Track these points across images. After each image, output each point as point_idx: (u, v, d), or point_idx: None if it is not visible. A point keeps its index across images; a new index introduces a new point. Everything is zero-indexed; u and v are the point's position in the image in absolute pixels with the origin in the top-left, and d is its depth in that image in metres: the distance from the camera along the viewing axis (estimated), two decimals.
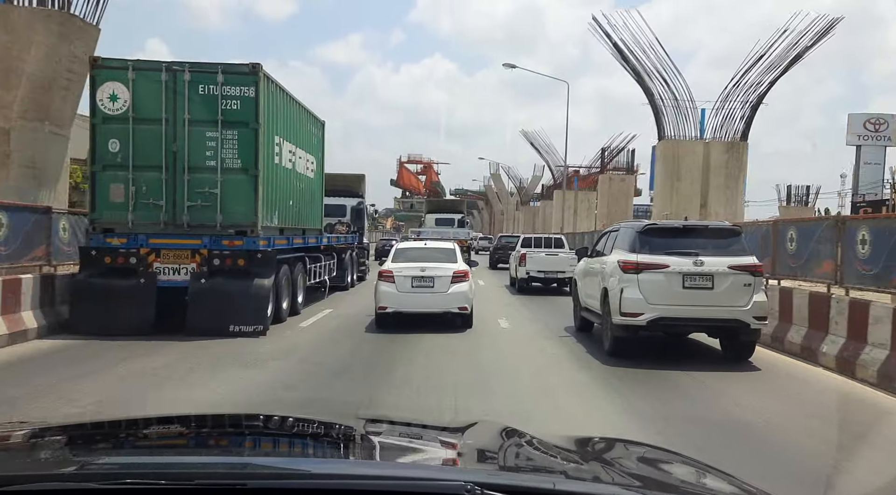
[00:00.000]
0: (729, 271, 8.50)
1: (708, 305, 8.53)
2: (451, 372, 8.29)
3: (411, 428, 2.49)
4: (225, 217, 10.43)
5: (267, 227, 11.06)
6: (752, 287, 8.57)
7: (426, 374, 8.17)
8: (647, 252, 8.71)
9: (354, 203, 21.65)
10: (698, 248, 8.67)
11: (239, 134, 10.40)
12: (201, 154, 10.33)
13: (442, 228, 30.25)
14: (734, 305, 8.50)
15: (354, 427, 2.41)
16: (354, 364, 8.78)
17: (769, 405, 6.86)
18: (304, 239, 13.71)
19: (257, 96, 10.37)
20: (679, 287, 8.49)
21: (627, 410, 6.45)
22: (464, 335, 10.89)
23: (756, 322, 8.60)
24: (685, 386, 7.56)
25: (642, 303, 8.52)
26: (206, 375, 7.81)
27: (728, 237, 9.04)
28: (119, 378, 7.62)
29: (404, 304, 10.98)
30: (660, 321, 8.58)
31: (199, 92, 10.29)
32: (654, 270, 8.54)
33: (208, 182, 10.37)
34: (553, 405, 6.77)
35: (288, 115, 12.19)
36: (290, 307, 12.55)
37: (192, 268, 10.38)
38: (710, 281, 8.49)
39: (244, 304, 10.28)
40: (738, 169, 23.08)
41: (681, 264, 8.50)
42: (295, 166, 12.87)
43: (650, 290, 8.52)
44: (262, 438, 2.26)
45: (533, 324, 12.75)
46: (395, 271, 11.11)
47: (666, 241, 8.85)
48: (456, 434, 2.27)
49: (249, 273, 10.49)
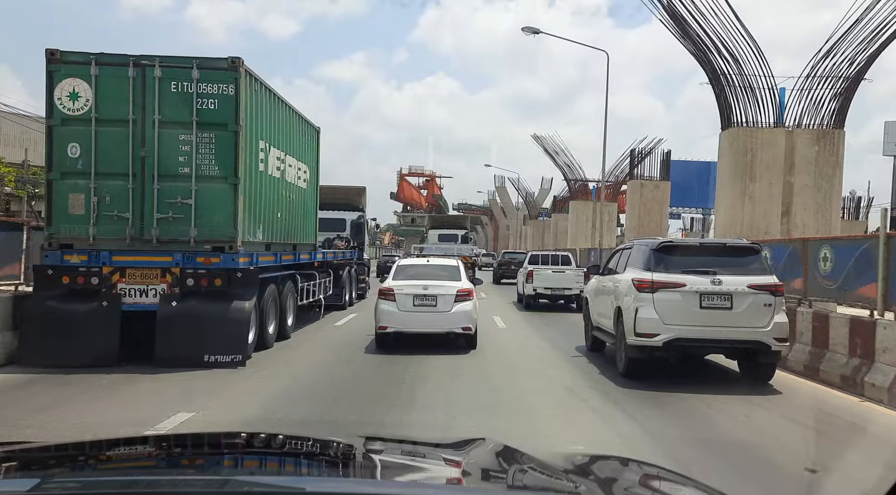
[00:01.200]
0: (748, 291, 8.22)
1: (727, 326, 8.21)
2: (456, 392, 7.99)
3: (412, 446, 2.43)
4: (200, 231, 9.17)
5: (249, 243, 9.81)
6: (772, 307, 8.24)
7: (433, 402, 7.44)
8: (662, 270, 8.44)
9: (354, 217, 20.48)
10: (716, 267, 8.39)
11: (217, 137, 9.17)
12: (174, 159, 9.10)
13: (445, 244, 29.68)
14: (754, 326, 8.19)
15: (352, 445, 2.31)
16: (346, 399, 7.58)
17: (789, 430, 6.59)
18: (296, 255, 12.46)
19: (238, 94, 9.15)
20: (696, 307, 8.20)
21: (643, 435, 6.21)
22: (472, 353, 10.54)
23: (777, 343, 8.26)
24: (700, 408, 7.28)
25: (658, 323, 8.23)
26: (172, 414, 6.54)
27: (747, 255, 8.68)
28: (68, 423, 6.32)
29: (405, 324, 10.49)
30: (676, 342, 8.25)
31: (172, 89, 9.08)
32: (670, 289, 8.29)
33: (181, 191, 9.12)
34: (565, 428, 6.55)
35: (275, 117, 10.96)
36: (279, 331, 11.30)
37: (161, 289, 9.11)
38: (728, 300, 8.21)
39: (221, 330, 9.00)
40: (833, 165, 16.71)
41: (698, 283, 8.23)
42: (284, 175, 11.63)
43: (666, 310, 8.25)
44: (245, 457, 2.11)
45: (544, 342, 12.46)
46: (396, 289, 10.55)
47: (682, 259, 8.61)
48: (459, 452, 2.22)
49: (228, 294, 9.23)
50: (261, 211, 10.36)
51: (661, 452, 5.57)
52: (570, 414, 7.05)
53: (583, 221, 36.22)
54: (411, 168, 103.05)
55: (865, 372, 7.96)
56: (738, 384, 8.60)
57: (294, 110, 12.23)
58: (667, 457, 5.32)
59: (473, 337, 10.73)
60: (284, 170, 11.64)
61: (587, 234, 34.72)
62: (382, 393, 7.74)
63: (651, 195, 29.64)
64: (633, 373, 8.53)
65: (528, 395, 7.84)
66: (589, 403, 7.44)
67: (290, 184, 12.14)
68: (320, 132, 14.58)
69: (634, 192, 30.22)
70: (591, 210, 35.90)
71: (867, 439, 6.45)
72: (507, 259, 31.40)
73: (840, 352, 8.64)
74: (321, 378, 8.81)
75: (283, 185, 11.63)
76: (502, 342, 12.11)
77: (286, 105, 11.62)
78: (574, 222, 37.75)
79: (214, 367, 8.89)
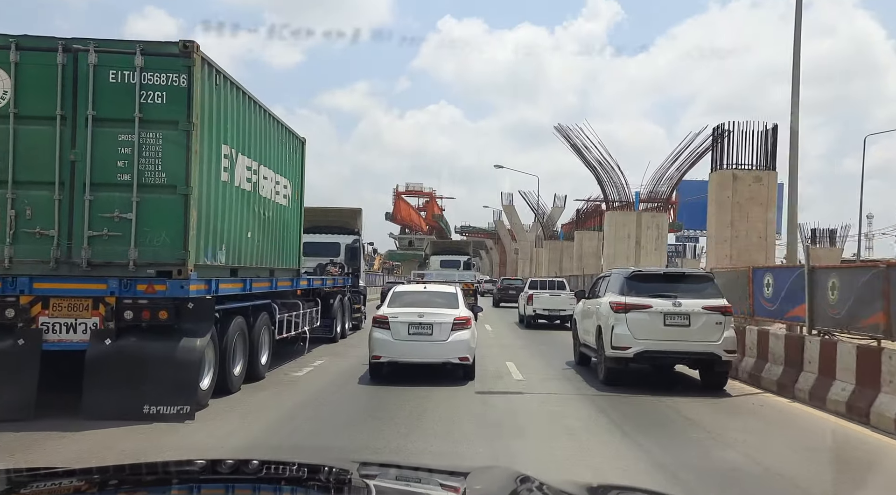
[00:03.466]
0: (703, 311, 9.76)
1: (685, 340, 9.74)
2: None
3: (410, 471, 2.40)
4: (142, 252, 7.50)
5: (206, 267, 8.12)
6: (723, 325, 9.80)
7: None
8: (634, 294, 9.96)
9: (349, 241, 18.81)
10: (677, 292, 9.95)
11: (165, 137, 7.53)
12: (111, 164, 7.46)
13: (447, 271, 28.67)
14: (708, 340, 9.72)
15: (346, 470, 2.24)
16: None
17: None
18: (272, 282, 10.75)
19: (191, 86, 7.53)
20: (661, 324, 9.72)
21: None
22: None
23: (727, 354, 9.81)
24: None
25: (630, 338, 9.75)
26: None
27: (703, 282, 10.40)
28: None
29: (400, 353, 10.03)
30: (645, 354, 9.82)
31: (110, 79, 7.46)
32: (639, 310, 9.79)
33: (119, 203, 7.46)
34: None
35: (245, 120, 9.35)
36: (249, 371, 9.57)
37: (93, 323, 7.39)
38: (687, 319, 9.73)
39: (166, 375, 7.28)
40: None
41: (662, 305, 9.75)
42: (257, 188, 9.97)
43: (636, 327, 9.75)
44: (238, 483, 2.08)
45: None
46: (391, 316, 10.14)
47: (649, 285, 10.12)
48: (458, 478, 2.17)
49: (176, 330, 7.52)
50: (224, 229, 8.69)
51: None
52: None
53: (623, 237, 27.36)
54: (409, 186, 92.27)
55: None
56: (697, 389, 10.11)
57: (271, 115, 10.62)
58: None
59: (471, 367, 10.25)
60: (258, 183, 9.99)
61: (630, 253, 26.87)
62: None
63: (748, 191, 16.78)
64: (610, 381, 10.07)
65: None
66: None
67: (266, 200, 10.48)
68: (306, 144, 12.97)
69: (721, 188, 16.91)
70: (634, 222, 27.34)
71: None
72: (506, 285, 35.16)
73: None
74: (285, 432, 7.08)
75: (256, 200, 9.97)
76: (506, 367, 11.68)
77: (260, 107, 10.01)
78: (612, 238, 27.83)
79: (156, 420, 7.15)
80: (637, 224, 27.35)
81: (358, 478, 2.12)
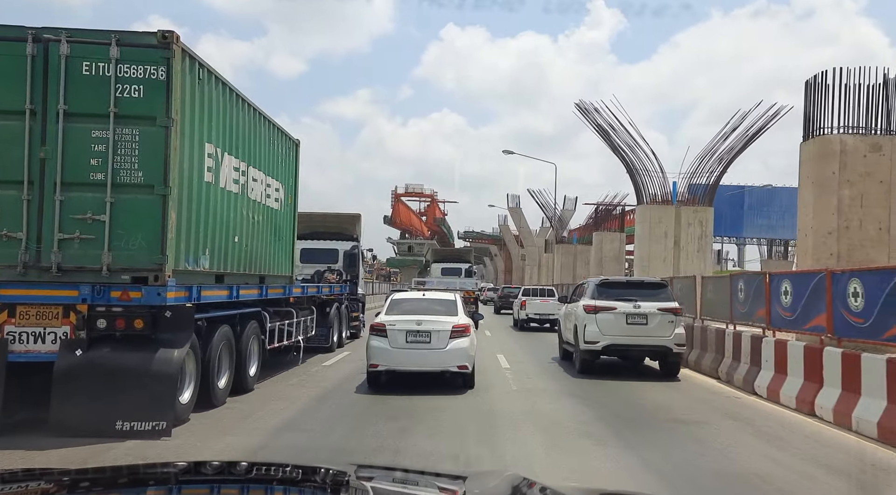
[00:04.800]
0: (658, 312, 11.81)
1: (644, 336, 11.86)
2: None
3: (408, 474, 2.37)
4: (117, 256, 6.98)
5: (187, 272, 7.61)
6: (674, 323, 11.92)
7: None
8: (603, 298, 12.09)
9: (348, 247, 18.33)
10: (637, 296, 12.05)
11: (142, 134, 7.03)
12: (83, 162, 6.96)
13: (448, 278, 28.49)
14: (662, 336, 11.81)
15: (343, 472, 2.18)
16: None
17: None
18: (262, 289, 10.23)
19: (170, 79, 7.03)
20: (624, 323, 11.83)
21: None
22: None
23: (677, 347, 11.92)
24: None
25: (599, 334, 11.86)
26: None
27: (659, 288, 12.52)
28: None
29: (397, 362, 9.88)
30: (610, 347, 11.96)
31: (84, 72, 6.97)
32: (606, 311, 11.90)
33: (92, 204, 6.96)
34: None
35: (232, 117, 8.85)
36: (236, 383, 9.06)
37: (63, 333, 6.87)
38: (645, 319, 11.82)
39: (140, 389, 6.76)
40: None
41: (625, 307, 11.86)
42: (245, 191, 9.47)
43: (604, 325, 11.86)
44: (233, 484, 2.05)
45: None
46: (388, 324, 9.97)
47: (615, 291, 12.27)
48: (456, 481, 2.16)
49: (152, 340, 7.00)
50: (208, 232, 8.18)
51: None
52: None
53: (659, 236, 22.14)
54: (408, 187, 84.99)
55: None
56: (656, 376, 12.20)
57: (261, 114, 10.13)
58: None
59: (471, 376, 10.15)
60: (246, 185, 9.49)
61: (667, 255, 21.91)
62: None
63: (863, 164, 11.36)
64: (584, 370, 12.16)
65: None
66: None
67: (256, 203, 9.98)
68: (300, 146, 12.49)
69: (821, 160, 11.38)
70: (672, 218, 22.03)
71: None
72: (506, 293, 36.25)
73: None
74: (269, 451, 6.54)
75: (245, 203, 9.46)
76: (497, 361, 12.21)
77: (249, 105, 9.52)
78: (646, 238, 22.39)
79: (130, 438, 6.62)
80: (675, 220, 22.12)
81: (356, 481, 2.11)
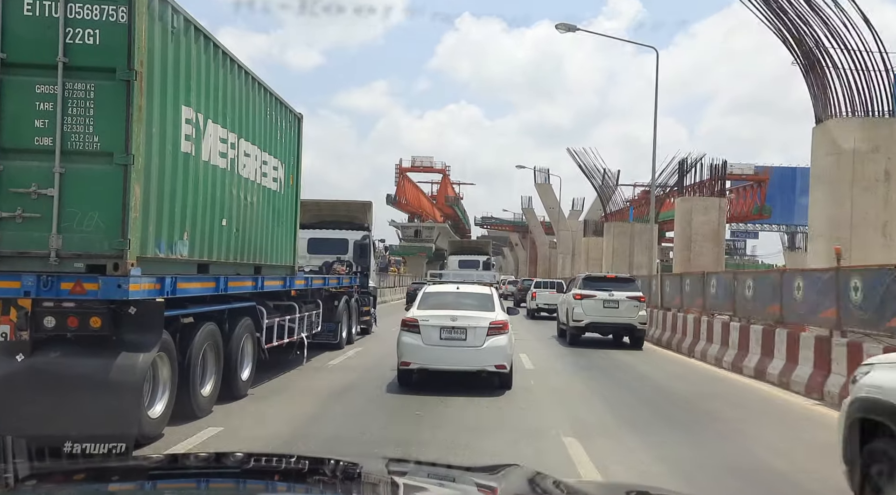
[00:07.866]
0: (627, 299, 15.96)
1: (616, 316, 15.96)
2: None
3: (440, 468, 2.35)
4: (67, 240, 5.70)
5: (158, 260, 6.32)
6: (639, 307, 16.02)
7: None
8: (587, 289, 16.27)
9: (358, 237, 17.01)
10: (613, 288, 16.33)
11: (98, 89, 5.74)
12: (25, 124, 5.67)
13: (466, 271, 27.63)
14: (629, 317, 15.94)
15: (377, 466, 2.23)
16: None
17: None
18: (257, 280, 8.95)
19: (132, 22, 5.73)
20: (602, 307, 15.91)
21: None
22: None
23: (640, 325, 16.08)
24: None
25: (583, 314, 15.93)
26: None
27: (630, 282, 17.39)
28: None
29: (431, 360, 9.33)
30: (591, 324, 16.00)
31: (25, 12, 5.68)
32: (589, 298, 15.97)
33: (37, 175, 5.67)
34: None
35: (218, 79, 7.54)
36: (224, 388, 7.81)
37: (2, 333, 5.61)
38: (618, 304, 15.92)
39: (96, 402, 5.50)
40: None
41: (602, 295, 15.97)
42: (235, 167, 8.17)
43: (586, 308, 15.95)
44: (267, 479, 2.01)
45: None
46: (421, 319, 9.41)
47: (596, 283, 16.76)
48: (490, 476, 2.14)
49: (112, 342, 5.72)
50: (186, 213, 6.88)
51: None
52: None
53: (869, 178, 14.05)
54: (415, 159, 67.08)
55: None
56: (625, 349, 15.80)
57: (256, 80, 8.82)
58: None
59: (509, 376, 9.50)
60: (236, 160, 8.18)
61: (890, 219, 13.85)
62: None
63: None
64: (572, 342, 16.23)
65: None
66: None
67: (249, 182, 8.68)
68: (303, 121, 11.16)
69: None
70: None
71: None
72: (525, 285, 35.74)
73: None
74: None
75: (234, 181, 8.17)
76: None
77: (240, 68, 8.22)
78: (842, 182, 14.40)
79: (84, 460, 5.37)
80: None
81: (388, 473, 2.14)
